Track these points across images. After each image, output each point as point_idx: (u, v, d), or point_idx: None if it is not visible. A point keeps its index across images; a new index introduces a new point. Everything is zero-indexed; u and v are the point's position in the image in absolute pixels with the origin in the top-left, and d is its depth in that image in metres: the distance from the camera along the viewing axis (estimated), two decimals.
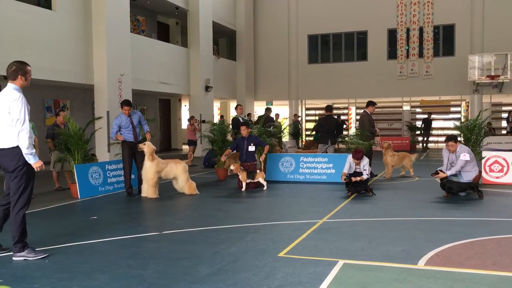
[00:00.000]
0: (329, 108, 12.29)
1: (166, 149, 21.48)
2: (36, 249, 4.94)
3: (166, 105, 22.47)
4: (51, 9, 13.03)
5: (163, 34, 21.44)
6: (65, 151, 9.20)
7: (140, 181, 9.19)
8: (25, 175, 4.79)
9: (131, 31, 15.99)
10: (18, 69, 4.82)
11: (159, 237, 5.83)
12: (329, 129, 12.03)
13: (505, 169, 9.95)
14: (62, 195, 9.36)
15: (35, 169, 4.82)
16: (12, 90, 4.77)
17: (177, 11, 19.82)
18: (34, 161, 4.76)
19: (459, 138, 9.43)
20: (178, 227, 6.30)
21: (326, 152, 11.76)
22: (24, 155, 4.72)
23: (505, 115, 24.30)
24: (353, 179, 8.84)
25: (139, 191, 9.15)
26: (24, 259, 4.81)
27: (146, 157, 8.80)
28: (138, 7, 18.61)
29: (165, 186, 9.79)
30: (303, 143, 21.18)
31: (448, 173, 8.43)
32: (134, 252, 5.12)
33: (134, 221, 7.07)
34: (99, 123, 12.59)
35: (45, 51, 12.53)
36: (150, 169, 8.77)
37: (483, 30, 21.62)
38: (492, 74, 19.96)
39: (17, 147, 4.73)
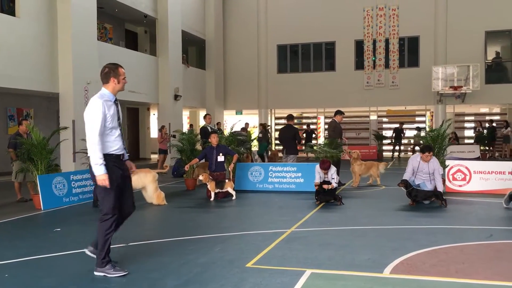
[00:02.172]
0: (289, 117, 12.18)
1: (134, 158, 21.17)
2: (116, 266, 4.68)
3: (135, 114, 22.19)
4: (14, 16, 12.72)
5: (132, 42, 21.23)
6: (28, 161, 8.94)
7: None
8: (103, 187, 4.53)
9: (98, 39, 15.76)
10: (110, 71, 4.64)
11: (126, 248, 5.71)
12: (286, 139, 11.83)
13: (467, 177, 10.24)
14: (24, 207, 9.07)
15: (98, 183, 4.47)
16: (93, 98, 4.56)
17: (146, 19, 19.68)
18: (97, 174, 4.45)
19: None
20: (145, 238, 6.20)
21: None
22: (92, 165, 4.48)
23: (467, 124, 25.08)
24: (325, 186, 8.91)
25: None
26: (104, 276, 4.58)
27: None
28: (105, 14, 18.37)
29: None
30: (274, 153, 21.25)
31: (440, 188, 8.64)
32: None
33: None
34: (64, 132, 12.33)
35: (8, 58, 12.19)
36: None
37: (446, 43, 22.31)
38: (455, 85, 20.59)
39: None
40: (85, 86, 14.01)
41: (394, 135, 22.74)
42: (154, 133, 22.71)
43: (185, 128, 21.12)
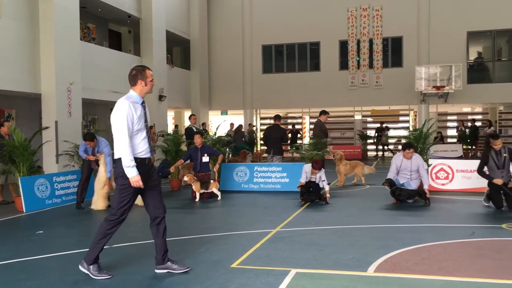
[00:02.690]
0: (276, 117, 12.10)
1: None
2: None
3: None
4: None
5: (115, 42, 21.02)
6: (10, 162, 8.81)
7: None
8: (119, 188, 4.53)
9: (81, 39, 15.58)
10: (138, 74, 4.58)
11: (110, 250, 5.65)
12: (272, 139, 11.67)
13: (450, 176, 10.37)
14: (6, 209, 8.93)
15: (132, 184, 4.41)
16: (120, 99, 4.51)
17: (130, 19, 19.51)
18: (130, 176, 4.39)
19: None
20: (130, 240, 6.15)
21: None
22: (123, 168, 4.41)
23: (450, 124, 25.40)
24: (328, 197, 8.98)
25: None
26: (87, 274, 4.57)
27: (100, 167, 8.62)
28: (88, 14, 18.18)
29: None
30: (258, 152, 21.27)
31: (426, 186, 8.72)
32: None
33: (83, 234, 6.84)
34: (47, 134, 12.17)
35: None
36: (102, 179, 8.56)
37: (429, 43, 22.55)
38: (438, 85, 20.81)
39: (119, 159, 4.46)
40: (68, 86, 13.84)
41: (376, 134, 22.96)
42: None
43: (170, 128, 21.00)
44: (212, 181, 9.93)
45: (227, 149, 12.75)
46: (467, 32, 22.18)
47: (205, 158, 10.34)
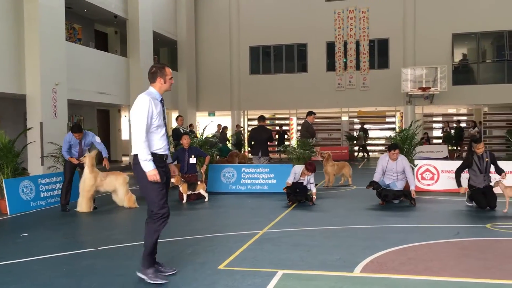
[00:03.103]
0: (261, 118, 11.96)
1: None
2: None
3: (105, 116, 21.80)
4: None
5: (101, 43, 20.86)
6: None
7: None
8: (142, 184, 4.46)
9: (66, 40, 15.43)
10: (157, 71, 4.56)
11: (95, 253, 5.61)
12: (259, 140, 11.58)
13: (435, 177, 10.47)
14: None
15: (148, 178, 4.34)
16: (140, 95, 4.50)
17: (116, 20, 19.38)
18: (147, 170, 4.32)
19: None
20: (115, 242, 6.10)
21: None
22: (140, 162, 4.35)
23: (436, 125, 25.66)
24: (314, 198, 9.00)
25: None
26: (144, 279, 4.46)
27: (85, 168, 8.54)
28: (74, 15, 18.02)
29: (103, 199, 9.48)
30: (245, 154, 21.27)
31: (412, 187, 8.76)
32: (67, 270, 4.90)
33: (68, 237, 6.77)
34: (32, 135, 12.04)
35: None
36: (88, 181, 8.49)
37: (415, 45, 22.76)
38: (424, 86, 21.01)
39: (136, 155, 4.39)
40: (54, 87, 13.70)
41: (358, 135, 23.15)
42: (125, 135, 22.38)
43: None
44: (199, 182, 9.91)
45: (214, 150, 12.72)
46: (452, 34, 22.44)
47: (192, 160, 10.31)
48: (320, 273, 4.62)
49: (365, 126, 23.69)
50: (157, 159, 4.45)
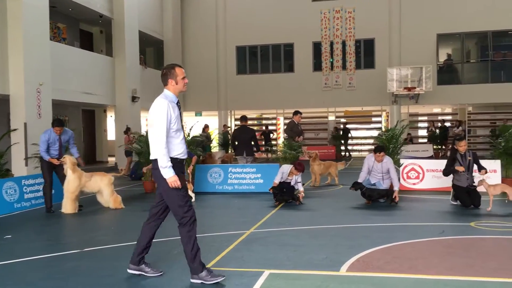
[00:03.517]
0: (243, 118, 11.89)
1: (90, 162, 20.63)
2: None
3: (90, 116, 21.62)
4: None
5: (87, 42, 20.68)
6: None
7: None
8: (163, 190, 4.37)
9: (51, 39, 15.28)
10: (167, 73, 4.44)
11: (80, 254, 5.56)
12: (243, 140, 11.52)
13: (421, 176, 10.57)
14: None
15: (169, 185, 4.26)
16: (158, 98, 4.40)
17: (101, 19, 19.23)
18: (167, 176, 4.25)
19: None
20: (101, 243, 6.05)
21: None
22: (160, 168, 4.26)
23: (421, 124, 25.90)
24: (300, 197, 9.01)
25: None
26: (201, 283, 4.35)
27: (68, 170, 8.42)
28: (58, 14, 17.83)
29: (88, 201, 9.40)
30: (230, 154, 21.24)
31: (396, 188, 8.82)
32: (51, 272, 4.85)
33: (52, 238, 6.70)
34: (16, 136, 11.88)
35: None
36: (72, 182, 8.39)
37: (400, 45, 22.96)
38: (409, 86, 21.21)
39: (155, 160, 4.30)
40: (38, 87, 13.54)
41: (341, 135, 23.29)
42: (111, 135, 22.22)
43: (144, 130, 20.76)
44: (186, 182, 9.85)
45: (200, 150, 12.68)
46: (437, 35, 22.68)
47: None
48: (306, 273, 4.63)
49: (348, 126, 23.84)
50: (178, 164, 4.36)
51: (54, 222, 7.90)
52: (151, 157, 4.40)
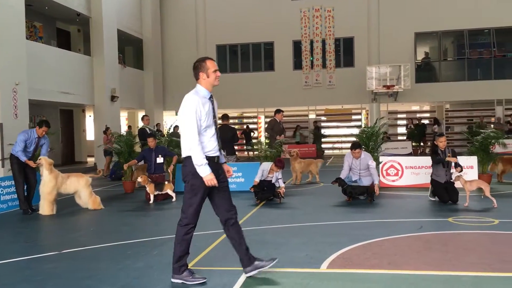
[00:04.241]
0: (225, 117, 11.79)
1: (69, 162, 20.34)
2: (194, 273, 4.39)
3: (69, 116, 21.30)
4: None
5: (64, 41, 20.35)
6: None
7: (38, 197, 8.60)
8: (189, 189, 4.27)
9: (27, 38, 15.00)
10: (198, 66, 4.36)
11: (59, 256, 5.48)
12: (224, 139, 11.52)
13: (400, 172, 10.71)
14: None
15: (206, 183, 4.17)
16: (188, 94, 4.29)
17: (79, 18, 18.95)
18: (203, 174, 4.14)
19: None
20: (80, 245, 5.97)
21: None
22: (195, 166, 4.15)
23: (400, 122, 26.23)
24: (282, 192, 9.01)
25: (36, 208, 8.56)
26: (182, 283, 4.29)
27: (44, 170, 8.29)
28: (34, 12, 17.52)
29: (67, 202, 9.26)
30: None
31: (376, 182, 8.95)
32: (29, 275, 4.76)
33: (30, 240, 6.58)
34: None
35: None
36: (48, 183, 8.26)
37: (379, 44, 23.21)
38: (388, 84, 21.46)
39: (188, 156, 4.20)
40: (14, 87, 13.28)
41: (314, 135, 23.48)
42: (90, 135, 21.94)
43: (124, 129, 20.57)
44: (166, 182, 9.81)
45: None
46: (415, 33, 23.00)
47: (160, 159, 10.21)
48: (287, 270, 4.65)
49: (322, 125, 24.05)
50: (209, 161, 4.23)
51: (32, 224, 7.76)
52: (182, 155, 4.31)
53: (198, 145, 4.13)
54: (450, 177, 8.57)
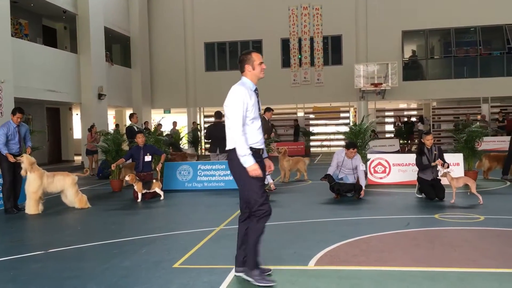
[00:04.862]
0: (218, 114, 11.85)
1: (56, 161, 20.15)
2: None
3: (55, 114, 21.09)
4: None
5: (50, 38, 20.14)
6: None
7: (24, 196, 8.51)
8: (241, 181, 4.17)
9: (12, 35, 14.83)
10: (244, 58, 4.29)
11: (45, 256, 5.42)
12: (217, 137, 11.31)
13: (387, 170, 10.78)
14: None
15: (249, 174, 4.07)
16: (235, 85, 4.25)
17: (65, 15, 18.78)
18: (247, 165, 4.05)
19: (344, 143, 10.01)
20: (66, 244, 5.91)
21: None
22: (239, 157, 4.08)
23: (388, 119, 26.40)
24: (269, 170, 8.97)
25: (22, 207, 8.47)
26: (251, 281, 4.20)
27: (26, 170, 8.17)
28: (20, 9, 17.31)
29: (53, 201, 9.18)
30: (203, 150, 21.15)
31: (363, 184, 8.98)
32: (14, 275, 4.70)
33: (15, 240, 6.50)
34: None
35: None
36: (33, 182, 8.16)
37: (367, 42, 23.33)
38: (376, 82, 21.58)
39: (233, 149, 4.14)
40: None
41: (294, 132, 23.56)
42: (77, 134, 21.75)
43: (111, 128, 20.43)
44: (154, 180, 9.76)
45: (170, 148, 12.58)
46: (402, 31, 23.15)
47: (148, 158, 10.16)
48: (275, 267, 4.65)
49: (299, 123, 24.21)
50: (254, 153, 4.16)
51: (18, 223, 7.67)
52: (227, 147, 4.26)
53: (242, 135, 4.10)
54: (437, 174, 8.65)
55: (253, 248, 4.26)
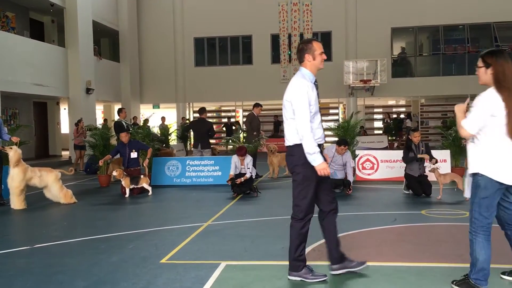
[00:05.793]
0: (201, 111, 11.67)
1: (43, 156, 19.95)
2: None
3: (42, 109, 20.85)
4: None
5: (37, 32, 19.88)
6: None
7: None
8: (302, 180, 4.00)
9: None
10: (303, 47, 4.07)
11: (30, 251, 5.37)
12: (199, 133, 11.45)
13: (375, 166, 10.84)
14: None
15: (318, 173, 3.91)
16: (296, 78, 4.08)
17: (53, 8, 18.54)
18: (316, 164, 3.88)
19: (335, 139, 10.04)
20: (52, 239, 5.86)
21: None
22: (306, 155, 3.90)
23: (376, 116, 26.53)
24: (238, 181, 8.99)
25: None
26: (301, 280, 4.11)
27: (11, 164, 8.10)
28: (7, 2, 17.07)
29: (39, 196, 9.09)
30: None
31: (351, 180, 9.07)
32: (0, 270, 4.65)
33: (0, 235, 6.43)
34: None
35: None
36: (16, 176, 8.06)
37: (356, 38, 23.37)
38: (365, 78, 21.65)
39: (297, 145, 3.96)
40: None
41: (273, 128, 23.65)
42: (65, 128, 21.54)
43: (99, 123, 20.26)
44: (142, 176, 9.72)
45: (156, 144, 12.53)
46: (391, 28, 23.23)
47: (134, 154, 10.11)
48: (263, 263, 4.66)
49: (280, 119, 24.24)
50: None
51: (3, 218, 7.59)
52: (287, 144, 4.07)
53: (311, 132, 3.91)
54: (424, 170, 8.72)
55: (299, 252, 4.17)
